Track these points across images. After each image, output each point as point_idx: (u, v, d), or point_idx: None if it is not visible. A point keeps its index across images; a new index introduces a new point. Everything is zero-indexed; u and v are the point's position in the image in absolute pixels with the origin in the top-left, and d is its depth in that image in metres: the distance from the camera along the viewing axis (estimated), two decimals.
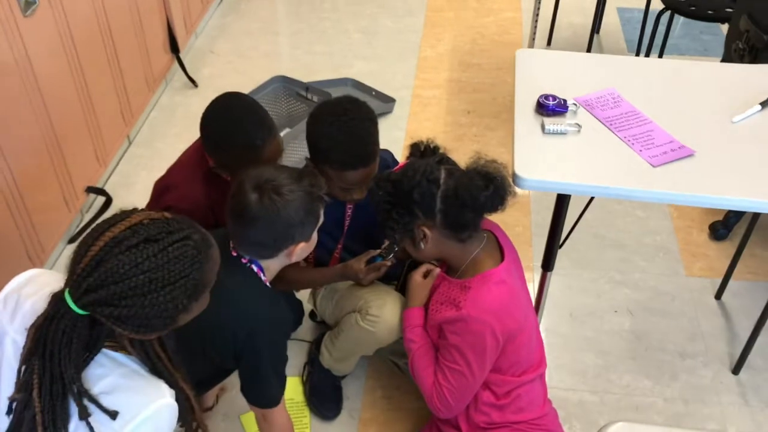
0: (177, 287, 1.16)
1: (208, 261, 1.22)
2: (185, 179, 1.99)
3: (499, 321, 1.62)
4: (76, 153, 2.67)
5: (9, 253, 2.31)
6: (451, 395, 1.69)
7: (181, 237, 1.17)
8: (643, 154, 1.74)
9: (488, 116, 3.40)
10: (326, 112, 1.79)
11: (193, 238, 1.19)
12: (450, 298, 1.69)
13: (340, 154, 1.74)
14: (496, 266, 1.67)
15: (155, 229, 1.16)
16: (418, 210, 1.61)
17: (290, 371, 2.20)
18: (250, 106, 1.88)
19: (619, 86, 1.98)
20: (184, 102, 3.48)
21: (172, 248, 1.15)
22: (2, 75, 2.14)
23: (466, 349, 1.64)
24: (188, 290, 1.18)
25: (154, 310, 1.14)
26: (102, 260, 1.12)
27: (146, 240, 1.14)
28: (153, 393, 1.22)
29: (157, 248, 1.14)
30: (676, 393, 2.23)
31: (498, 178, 1.60)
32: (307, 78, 3.46)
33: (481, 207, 1.60)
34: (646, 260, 2.68)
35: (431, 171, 1.61)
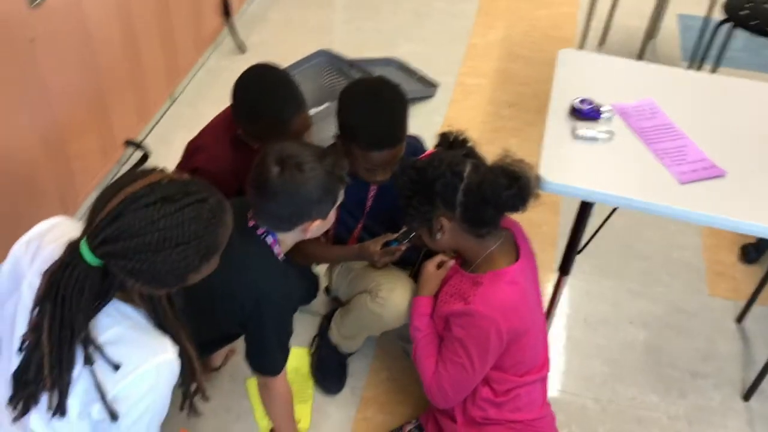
0: (190, 247, 1.19)
1: (221, 225, 1.25)
2: (214, 142, 2.02)
3: (506, 320, 1.62)
4: (119, 106, 2.73)
5: (43, 196, 2.38)
6: (450, 387, 1.71)
7: (197, 199, 1.20)
8: (672, 170, 1.71)
9: (530, 111, 3.37)
10: (358, 90, 1.81)
11: (210, 202, 1.22)
12: (460, 291, 1.69)
13: (367, 133, 1.75)
14: (510, 265, 1.67)
15: (173, 189, 1.19)
16: (439, 200, 1.62)
17: (300, 342, 2.26)
18: (280, 79, 1.90)
19: (660, 97, 1.95)
20: (230, 66, 3.51)
21: (188, 209, 1.18)
22: (53, 23, 2.19)
23: (470, 343, 1.65)
24: (200, 251, 1.21)
25: (166, 266, 1.18)
26: (120, 214, 1.15)
27: (164, 199, 1.17)
28: (157, 347, 1.26)
29: (173, 207, 1.17)
30: (681, 411, 2.21)
31: (523, 178, 1.59)
32: (354, 54, 3.47)
33: (502, 205, 1.60)
34: (669, 274, 2.64)
35: (457, 163, 1.61)
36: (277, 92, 1.86)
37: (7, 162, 2.11)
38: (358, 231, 2.06)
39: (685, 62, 3.76)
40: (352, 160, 1.80)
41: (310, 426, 2.11)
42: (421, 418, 1.98)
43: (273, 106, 1.84)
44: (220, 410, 2.13)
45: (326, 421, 2.13)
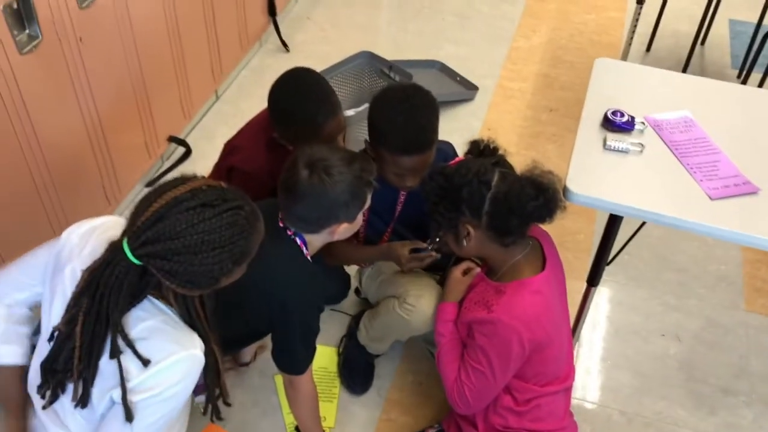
0: (225, 251, 1.25)
1: (255, 232, 1.32)
2: (251, 143, 2.07)
3: (528, 330, 1.62)
4: (163, 101, 2.80)
5: (87, 189, 2.46)
6: (471, 394, 1.72)
7: (234, 206, 1.27)
8: (704, 185, 1.69)
9: (570, 117, 3.34)
10: (389, 95, 1.83)
11: (245, 209, 1.29)
12: (484, 299, 1.70)
13: (397, 138, 1.77)
14: (535, 275, 1.67)
15: (213, 195, 1.26)
16: (465, 207, 1.63)
17: (328, 341, 2.30)
18: (315, 84, 1.94)
19: (698, 110, 1.92)
20: (274, 65, 3.57)
21: (226, 215, 1.25)
22: (100, 22, 2.27)
23: (492, 351, 1.66)
24: (234, 255, 1.28)
25: (202, 269, 1.24)
26: (162, 217, 1.22)
27: (204, 204, 1.24)
28: (186, 342, 1.33)
29: (212, 213, 1.24)
30: (710, 428, 2.18)
31: (550, 190, 1.60)
32: (396, 55, 3.49)
33: (527, 215, 1.60)
34: (705, 288, 2.60)
35: (484, 172, 1.62)
36: (311, 97, 1.90)
37: (55, 153, 2.19)
38: (388, 235, 2.08)
39: (735, 70, 3.67)
40: (382, 165, 1.82)
41: (334, 425, 2.14)
42: (444, 422, 2.00)
43: (308, 111, 1.88)
44: (249, 405, 2.18)
45: (351, 421, 2.16)
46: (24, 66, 1.98)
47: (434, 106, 1.81)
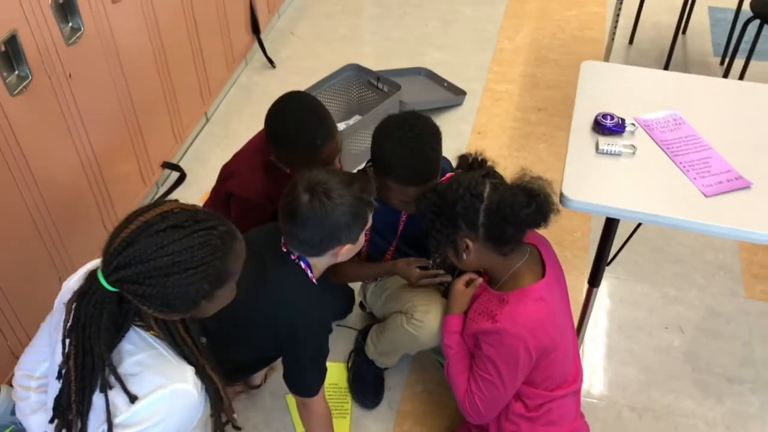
0: (198, 272, 1.24)
1: (231, 252, 1.29)
2: (248, 168, 2.09)
3: (534, 337, 1.65)
4: (154, 128, 2.81)
5: (86, 222, 2.47)
6: (482, 403, 1.74)
7: (206, 226, 1.26)
8: (697, 182, 1.72)
9: (559, 115, 3.37)
10: (392, 127, 1.84)
11: (219, 229, 1.27)
12: (487, 309, 1.73)
13: (404, 170, 1.79)
14: (536, 282, 1.70)
15: (183, 217, 1.25)
16: (461, 222, 1.65)
17: (337, 357, 2.32)
18: (313, 108, 1.96)
19: (685, 107, 1.95)
20: (261, 82, 3.59)
21: (196, 235, 1.24)
22: (87, 52, 2.28)
23: (499, 361, 1.68)
24: (209, 276, 1.26)
25: (176, 291, 1.23)
26: (132, 241, 1.22)
27: (173, 226, 1.23)
28: (175, 375, 1.31)
29: (182, 233, 1.23)
30: (719, 418, 2.21)
31: (541, 195, 1.62)
32: (381, 64, 3.51)
33: (522, 223, 1.63)
34: (704, 278, 2.63)
35: (475, 185, 1.64)
36: (309, 121, 1.93)
37: (52, 190, 2.20)
38: (391, 253, 2.10)
39: (717, 57, 3.71)
40: (386, 192, 1.85)
41: None
42: (457, 430, 2.02)
43: (306, 136, 1.90)
44: (262, 426, 2.19)
45: None
46: (16, 107, 1.99)
47: (437, 134, 1.83)
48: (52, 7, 2.06)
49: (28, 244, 2.16)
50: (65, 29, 2.15)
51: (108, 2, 2.33)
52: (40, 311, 2.27)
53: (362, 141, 3.06)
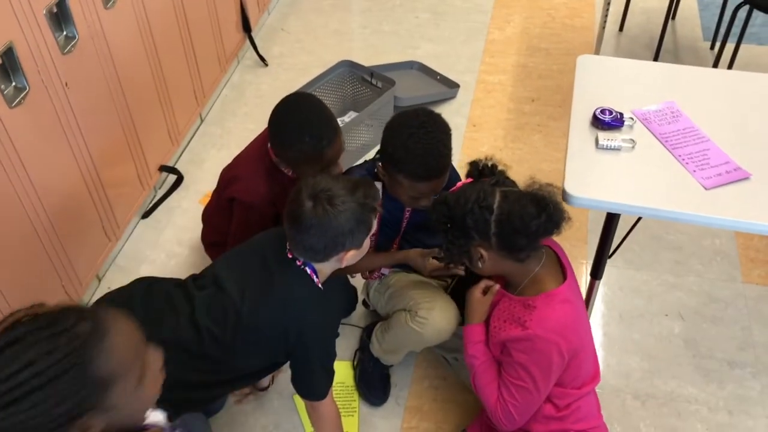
0: (49, 396, 1.00)
1: (98, 355, 1.04)
2: (250, 172, 2.10)
3: (565, 339, 1.65)
4: (151, 132, 2.81)
5: (87, 229, 2.48)
6: (516, 411, 1.74)
7: (52, 333, 1.03)
8: (697, 175, 1.74)
9: (552, 105, 3.38)
10: (403, 123, 1.85)
11: (73, 331, 1.03)
12: (514, 316, 1.71)
13: (416, 166, 1.80)
14: (560, 285, 1.69)
15: (22, 329, 1.03)
16: (473, 233, 1.64)
17: (342, 355, 2.33)
18: (317, 108, 1.97)
19: (682, 98, 1.96)
20: (254, 81, 3.58)
21: (33, 351, 1.01)
22: (83, 60, 2.27)
23: (532, 366, 1.68)
24: (66, 399, 1.01)
25: (21, 426, 0.99)
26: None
27: (9, 343, 1.02)
28: None
29: (19, 350, 1.01)
30: (721, 403, 2.25)
31: (551, 205, 1.60)
32: (373, 59, 3.51)
33: (533, 235, 1.61)
34: (702, 264, 2.66)
35: (484, 197, 1.62)
36: (315, 123, 1.94)
37: (52, 199, 2.20)
38: (398, 241, 2.11)
39: (707, 42, 3.73)
40: (394, 188, 1.87)
41: None
42: (469, 429, 2.04)
43: (312, 137, 1.91)
44: (271, 427, 2.21)
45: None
46: (14, 119, 1.99)
47: (447, 129, 1.85)
48: (47, 16, 2.06)
49: (29, 252, 2.16)
50: (60, 38, 2.14)
51: (101, 8, 2.33)
52: None
53: (358, 138, 3.07)
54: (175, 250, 2.76)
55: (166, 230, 2.84)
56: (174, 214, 2.90)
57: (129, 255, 2.74)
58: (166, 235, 2.82)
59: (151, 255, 2.74)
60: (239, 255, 1.81)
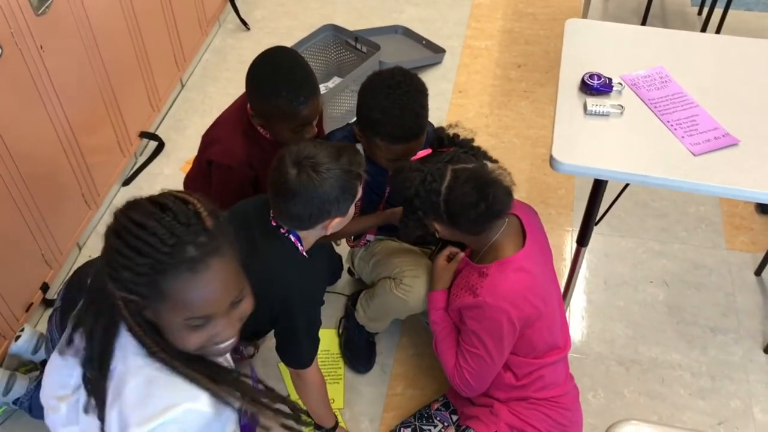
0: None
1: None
2: (228, 134, 2.05)
3: (516, 308, 1.64)
4: (130, 97, 2.75)
5: (66, 197, 2.43)
6: (472, 377, 1.75)
7: None
8: (685, 141, 1.72)
9: (539, 71, 3.35)
10: (379, 84, 1.81)
11: None
12: (468, 283, 1.72)
13: (392, 127, 1.77)
14: (516, 252, 1.68)
15: None
16: (424, 210, 1.65)
17: (327, 323, 2.31)
18: (298, 62, 1.92)
19: (671, 63, 1.94)
20: (236, 45, 3.51)
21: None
22: (58, 22, 2.21)
23: (484, 334, 1.68)
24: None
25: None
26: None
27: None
28: (188, 394, 1.16)
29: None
30: (704, 368, 2.26)
31: (491, 194, 1.58)
32: (357, 23, 3.45)
33: (473, 221, 1.61)
34: (687, 231, 2.66)
35: (432, 180, 1.61)
36: (296, 76, 1.88)
37: (29, 165, 2.15)
38: (383, 205, 2.08)
39: (695, 7, 3.70)
40: (371, 151, 1.83)
41: (344, 405, 2.18)
42: (447, 394, 2.04)
43: (288, 93, 1.85)
44: None
45: (359, 399, 2.20)
46: None
47: (424, 90, 1.81)
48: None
49: (6, 220, 2.12)
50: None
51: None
52: (24, 288, 2.25)
53: (343, 103, 3.02)
54: None
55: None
56: (156, 181, 2.86)
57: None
58: None
59: None
60: None
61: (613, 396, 2.20)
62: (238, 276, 1.18)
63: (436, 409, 2.01)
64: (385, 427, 2.11)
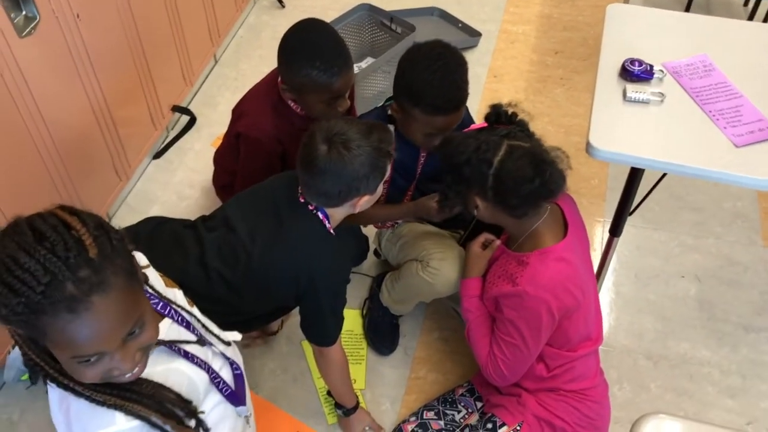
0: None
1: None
2: (257, 108, 2.04)
3: (556, 298, 1.61)
4: (164, 71, 2.75)
5: (98, 167, 2.44)
6: (506, 366, 1.72)
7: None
8: (727, 132, 1.67)
9: (577, 58, 3.28)
10: (420, 55, 1.79)
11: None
12: (508, 272, 1.69)
13: (434, 97, 1.74)
14: (557, 242, 1.64)
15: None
16: (471, 182, 1.61)
17: (351, 303, 2.29)
18: (331, 34, 1.91)
19: (715, 52, 1.88)
20: (271, 23, 3.49)
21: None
22: None
23: (522, 324, 1.65)
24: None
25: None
26: None
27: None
28: (99, 420, 1.09)
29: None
30: (734, 366, 2.21)
31: (548, 171, 1.54)
32: (393, 4, 3.41)
33: (524, 198, 1.57)
34: (722, 226, 2.60)
35: (486, 149, 1.57)
36: (330, 47, 1.86)
37: (62, 133, 2.16)
38: (411, 192, 2.06)
39: None
40: (410, 125, 1.82)
41: (365, 386, 2.17)
42: (473, 380, 2.02)
43: (322, 64, 1.83)
44: (278, 371, 2.21)
45: (381, 381, 2.19)
46: (24, 49, 1.94)
47: (464, 63, 1.79)
48: None
49: (38, 188, 2.13)
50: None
51: None
52: None
53: (375, 84, 2.99)
54: (186, 192, 2.72)
55: (178, 172, 2.80)
56: (186, 156, 2.86)
57: (139, 195, 2.71)
58: (177, 177, 2.78)
59: (162, 196, 2.71)
60: (250, 197, 1.77)
61: (639, 390, 2.16)
62: (133, 306, 1.02)
63: (460, 395, 2.00)
64: (406, 410, 2.10)
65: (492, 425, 1.77)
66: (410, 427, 1.94)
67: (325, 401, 2.11)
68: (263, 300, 1.75)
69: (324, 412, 2.11)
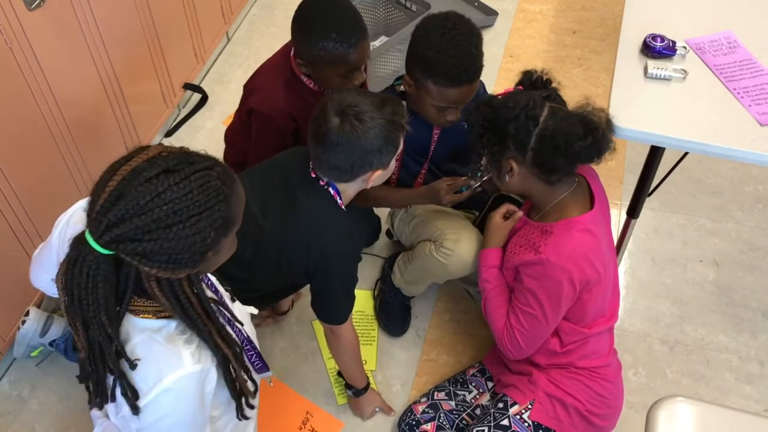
0: (203, 218, 1.09)
1: (233, 194, 1.15)
2: (269, 83, 2.01)
3: (578, 269, 1.58)
4: (175, 48, 2.72)
5: (107, 143, 2.42)
6: (522, 338, 1.70)
7: (202, 167, 1.10)
8: (752, 110, 1.62)
9: (595, 38, 3.22)
10: (435, 24, 1.75)
11: (215, 170, 1.12)
12: (530, 241, 1.66)
13: (449, 67, 1.69)
14: (583, 214, 1.62)
15: (174, 160, 1.09)
16: (510, 142, 1.57)
17: (363, 284, 2.28)
18: (346, 5, 1.87)
19: (740, 28, 1.82)
20: (284, 0, 3.45)
21: (193, 177, 1.08)
22: None
23: (542, 293, 1.63)
24: (215, 222, 1.11)
25: (181, 243, 1.08)
26: (121, 194, 1.05)
27: (166, 171, 1.07)
28: (172, 362, 1.17)
29: (177, 178, 1.07)
30: (752, 353, 2.17)
31: (600, 130, 1.52)
32: None
33: (574, 155, 1.53)
34: (742, 210, 2.55)
35: (533, 106, 1.54)
36: (342, 21, 1.82)
37: (72, 109, 2.14)
38: (422, 176, 2.03)
39: None
40: (423, 100, 1.78)
41: (376, 367, 2.15)
42: (484, 360, 1.99)
43: (338, 35, 1.79)
44: (289, 351, 2.19)
45: (392, 362, 2.17)
46: (33, 21, 1.91)
47: (479, 34, 1.75)
48: None
49: (49, 165, 2.11)
50: None
51: None
52: None
53: (389, 63, 2.94)
54: None
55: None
56: (198, 134, 2.84)
57: None
58: None
59: None
60: (261, 172, 1.74)
61: (655, 375, 2.12)
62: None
63: (471, 375, 1.97)
64: (417, 392, 2.08)
65: (503, 405, 1.75)
66: (421, 408, 1.91)
67: (335, 382, 2.09)
68: (273, 276, 1.72)
69: (334, 392, 2.09)
